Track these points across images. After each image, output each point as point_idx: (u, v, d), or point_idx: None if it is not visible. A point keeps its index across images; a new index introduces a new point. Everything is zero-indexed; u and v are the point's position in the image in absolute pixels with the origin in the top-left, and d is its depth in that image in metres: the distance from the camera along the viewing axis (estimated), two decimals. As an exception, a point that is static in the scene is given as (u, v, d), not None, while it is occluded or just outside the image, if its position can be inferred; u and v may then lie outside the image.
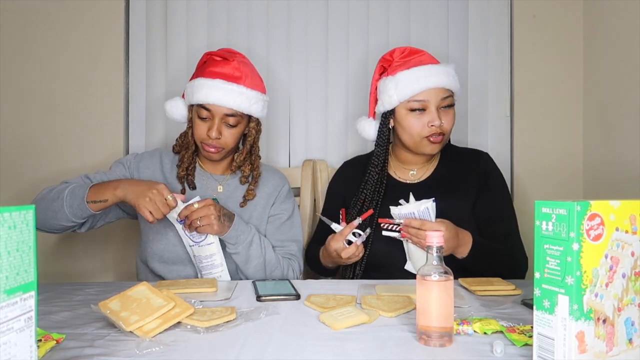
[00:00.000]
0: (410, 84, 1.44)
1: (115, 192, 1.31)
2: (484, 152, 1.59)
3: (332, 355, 0.83)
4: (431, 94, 1.44)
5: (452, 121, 1.48)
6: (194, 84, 1.43)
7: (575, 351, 0.71)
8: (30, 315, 0.69)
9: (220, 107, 1.40)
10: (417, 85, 1.44)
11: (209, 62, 1.46)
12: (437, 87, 1.44)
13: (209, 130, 1.42)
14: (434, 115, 1.44)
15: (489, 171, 1.53)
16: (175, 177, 1.50)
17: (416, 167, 1.56)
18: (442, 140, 1.47)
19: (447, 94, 1.46)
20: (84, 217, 1.36)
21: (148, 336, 0.88)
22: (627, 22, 1.65)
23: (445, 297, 0.85)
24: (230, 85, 1.40)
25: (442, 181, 1.52)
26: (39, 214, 1.34)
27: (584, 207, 0.71)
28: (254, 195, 1.50)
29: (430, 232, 0.88)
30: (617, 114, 1.73)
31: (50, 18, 1.93)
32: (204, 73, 1.43)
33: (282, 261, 1.47)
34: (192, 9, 1.97)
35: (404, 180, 1.55)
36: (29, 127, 1.94)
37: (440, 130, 1.45)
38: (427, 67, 1.46)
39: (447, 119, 1.46)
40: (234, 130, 1.44)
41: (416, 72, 1.45)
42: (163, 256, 1.44)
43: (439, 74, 1.45)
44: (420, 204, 1.30)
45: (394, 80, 1.46)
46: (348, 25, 1.98)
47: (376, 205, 1.48)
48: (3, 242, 0.64)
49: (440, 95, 1.45)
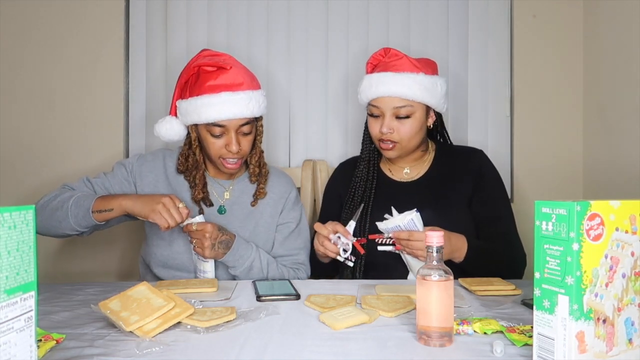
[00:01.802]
0: (366, 89, 1.47)
1: (121, 202, 1.31)
2: (478, 149, 1.58)
3: (332, 355, 0.83)
4: (385, 102, 1.44)
5: (409, 131, 1.44)
6: (195, 103, 1.35)
7: (575, 351, 0.71)
8: (30, 315, 0.69)
9: (235, 121, 1.35)
10: (370, 91, 1.45)
11: (202, 75, 1.36)
12: (390, 96, 1.43)
13: (227, 146, 1.37)
14: (384, 122, 1.44)
15: (484, 170, 1.52)
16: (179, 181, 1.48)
17: (407, 165, 1.56)
18: (395, 148, 1.46)
19: (402, 104, 1.43)
20: (88, 226, 1.36)
21: (148, 336, 0.88)
22: (627, 22, 1.65)
23: (445, 297, 0.85)
24: (238, 95, 1.34)
25: (437, 179, 1.51)
26: (41, 221, 1.34)
27: (584, 207, 0.71)
28: (265, 193, 1.49)
29: (430, 232, 0.88)
30: (617, 114, 1.73)
31: (50, 18, 1.93)
32: (204, 89, 1.34)
33: (287, 274, 1.46)
34: (192, 8, 1.97)
35: (399, 179, 1.55)
36: (28, 127, 1.94)
37: (389, 138, 1.44)
38: (389, 75, 1.44)
39: (402, 128, 1.44)
40: (249, 137, 1.41)
41: (377, 78, 1.45)
42: (167, 262, 1.44)
43: (396, 83, 1.42)
44: (404, 217, 1.30)
45: (363, 80, 1.49)
46: (348, 26, 1.99)
47: (368, 201, 1.48)
48: (3, 242, 0.64)
49: (393, 104, 1.43)
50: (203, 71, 1.37)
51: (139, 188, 1.46)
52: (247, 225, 1.47)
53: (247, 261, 1.38)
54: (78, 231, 1.36)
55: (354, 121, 1.99)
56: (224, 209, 1.47)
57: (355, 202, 1.50)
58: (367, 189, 1.51)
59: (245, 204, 1.49)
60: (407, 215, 1.29)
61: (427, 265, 0.87)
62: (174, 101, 1.44)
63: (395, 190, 1.48)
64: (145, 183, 1.46)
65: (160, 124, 1.45)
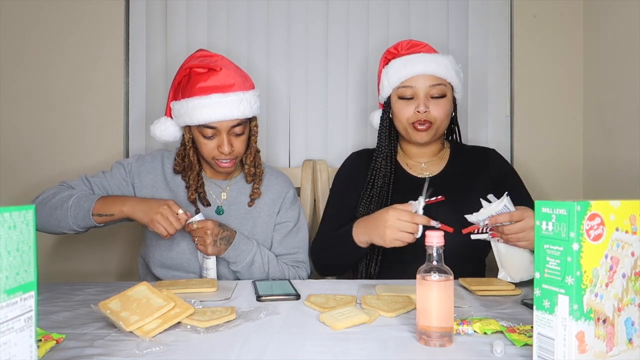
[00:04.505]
0: (399, 70, 1.45)
1: (122, 208, 1.31)
2: (490, 148, 1.58)
3: (332, 355, 0.83)
4: (419, 81, 1.43)
5: (443, 111, 1.44)
6: (187, 105, 1.35)
7: (575, 351, 0.71)
8: (30, 315, 0.69)
9: (226, 122, 1.36)
10: (404, 71, 1.44)
11: (193, 76, 1.37)
12: (424, 74, 1.43)
13: (219, 147, 1.37)
14: (420, 101, 1.42)
15: (502, 167, 1.53)
16: (177, 182, 1.48)
17: (425, 160, 1.54)
18: (431, 129, 1.44)
19: (436, 82, 1.43)
20: (87, 227, 1.37)
21: (148, 336, 0.87)
22: (627, 22, 1.65)
23: (445, 297, 0.85)
24: (228, 96, 1.34)
25: (455, 178, 1.51)
26: (40, 218, 1.34)
27: (584, 207, 0.71)
28: (260, 193, 1.49)
29: (430, 232, 0.88)
30: (617, 114, 1.73)
31: (50, 18, 1.93)
32: (195, 91, 1.35)
33: (288, 271, 1.46)
34: (192, 8, 1.97)
35: (417, 174, 1.53)
36: (28, 127, 1.94)
37: (426, 118, 1.42)
38: (419, 55, 1.46)
39: (436, 108, 1.43)
40: (242, 137, 1.41)
41: (406, 60, 1.45)
42: (165, 263, 1.44)
43: (429, 61, 1.44)
44: (497, 205, 1.21)
45: (387, 68, 1.49)
46: (348, 26, 1.99)
47: (387, 196, 1.46)
48: (3, 242, 0.64)
49: (428, 82, 1.43)
50: (194, 73, 1.37)
51: (138, 189, 1.46)
52: (245, 226, 1.47)
53: (249, 256, 1.39)
54: (76, 231, 1.37)
55: (354, 121, 1.99)
56: (222, 210, 1.47)
57: (374, 196, 1.47)
58: (385, 184, 1.48)
59: (242, 204, 1.49)
60: (500, 203, 1.21)
61: (427, 265, 0.87)
62: (168, 102, 1.45)
63: (414, 186, 1.44)
64: (144, 184, 1.46)
65: (155, 125, 1.46)
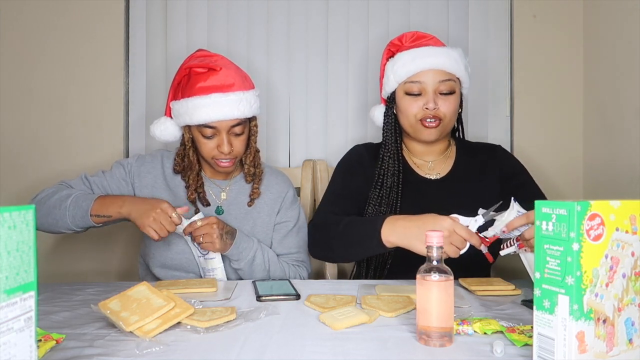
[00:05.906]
0: (406, 64, 1.38)
1: (120, 210, 1.31)
2: (497, 144, 1.56)
3: (332, 355, 0.83)
4: (428, 76, 1.37)
5: (452, 108, 1.39)
6: (187, 105, 1.35)
7: (576, 351, 0.71)
8: (30, 315, 0.69)
9: (225, 122, 1.35)
10: (412, 65, 1.37)
11: (193, 76, 1.37)
12: (434, 68, 1.37)
13: (219, 147, 1.37)
14: (429, 97, 1.37)
15: (509, 162, 1.50)
16: (177, 182, 1.48)
17: (429, 158, 1.50)
18: (439, 126, 1.39)
19: (446, 77, 1.38)
20: (85, 227, 1.37)
21: (148, 336, 0.87)
22: (627, 22, 1.65)
23: (445, 297, 0.85)
24: (228, 96, 1.34)
25: (464, 176, 1.47)
26: (38, 217, 1.34)
27: (584, 207, 0.71)
28: (259, 193, 1.49)
29: (430, 232, 0.87)
30: (617, 114, 1.73)
31: (50, 18, 1.93)
32: (194, 90, 1.34)
33: (288, 270, 1.46)
34: (192, 8, 1.97)
35: (425, 175, 1.48)
36: (28, 127, 1.94)
37: (434, 114, 1.37)
38: (427, 48, 1.39)
39: (445, 104, 1.38)
40: (242, 137, 1.41)
41: (414, 53, 1.39)
42: (165, 263, 1.44)
43: (438, 55, 1.37)
44: (510, 212, 1.13)
45: (393, 61, 1.43)
46: (348, 26, 1.98)
47: (397, 197, 1.40)
48: (3, 242, 0.64)
49: (437, 77, 1.37)
50: (194, 72, 1.37)
51: (137, 189, 1.46)
52: (244, 226, 1.47)
53: (250, 252, 1.39)
54: (74, 230, 1.37)
55: (354, 121, 1.99)
56: (222, 210, 1.47)
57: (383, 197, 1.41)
58: (395, 184, 1.42)
59: (242, 204, 1.49)
60: (512, 211, 1.13)
61: (427, 265, 0.87)
62: (168, 102, 1.45)
63: (425, 188, 1.41)
64: (144, 184, 1.46)
65: (155, 125, 1.46)
